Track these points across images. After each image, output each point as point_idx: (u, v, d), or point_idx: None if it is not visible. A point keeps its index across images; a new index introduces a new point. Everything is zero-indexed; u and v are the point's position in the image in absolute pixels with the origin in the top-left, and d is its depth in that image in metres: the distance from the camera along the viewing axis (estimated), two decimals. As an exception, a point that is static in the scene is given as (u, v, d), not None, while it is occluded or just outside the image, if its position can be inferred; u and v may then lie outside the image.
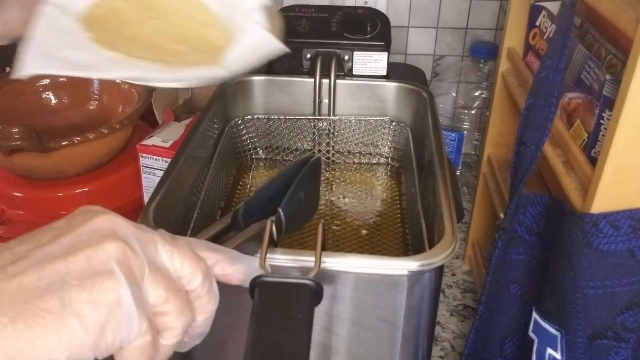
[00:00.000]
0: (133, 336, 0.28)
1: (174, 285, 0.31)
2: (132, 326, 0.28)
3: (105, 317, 0.26)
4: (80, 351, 0.25)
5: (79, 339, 0.25)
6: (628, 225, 0.46)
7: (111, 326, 0.26)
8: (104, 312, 0.26)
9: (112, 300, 0.27)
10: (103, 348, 0.26)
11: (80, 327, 0.25)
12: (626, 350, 0.50)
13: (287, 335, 0.39)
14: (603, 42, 0.52)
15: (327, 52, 0.82)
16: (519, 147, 0.53)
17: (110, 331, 0.26)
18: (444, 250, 0.48)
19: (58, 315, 0.25)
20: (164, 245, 0.31)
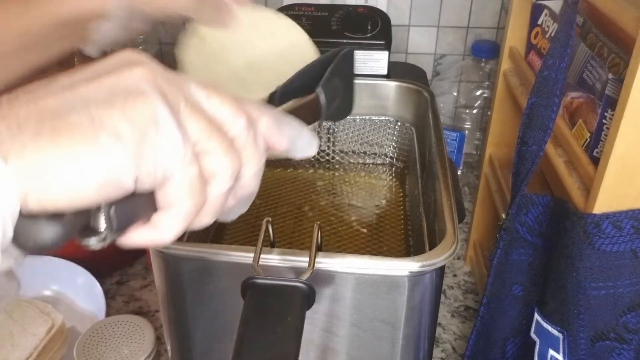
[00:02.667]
0: (177, 166, 0.24)
1: (215, 124, 0.26)
2: (176, 152, 0.24)
3: (142, 137, 0.23)
4: (118, 173, 0.22)
5: (115, 157, 0.22)
6: (631, 225, 0.45)
7: (151, 149, 0.23)
8: (140, 130, 0.23)
9: (148, 119, 0.23)
10: (144, 175, 0.23)
11: (114, 143, 0.22)
12: (628, 351, 0.49)
13: (277, 337, 0.39)
14: (605, 41, 0.52)
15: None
16: (520, 147, 0.53)
17: (151, 156, 0.23)
18: (445, 250, 0.48)
19: (88, 129, 0.21)
20: (199, 86, 0.27)
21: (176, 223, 0.26)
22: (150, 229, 0.26)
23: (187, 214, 0.26)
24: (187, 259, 0.50)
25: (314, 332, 0.52)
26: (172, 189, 0.25)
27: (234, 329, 0.40)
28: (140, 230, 0.26)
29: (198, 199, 0.26)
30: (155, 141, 0.23)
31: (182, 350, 0.57)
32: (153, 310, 0.79)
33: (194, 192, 0.25)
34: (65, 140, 0.21)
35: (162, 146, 0.24)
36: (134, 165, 0.23)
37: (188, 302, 0.53)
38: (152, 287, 0.83)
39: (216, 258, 0.49)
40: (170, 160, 0.24)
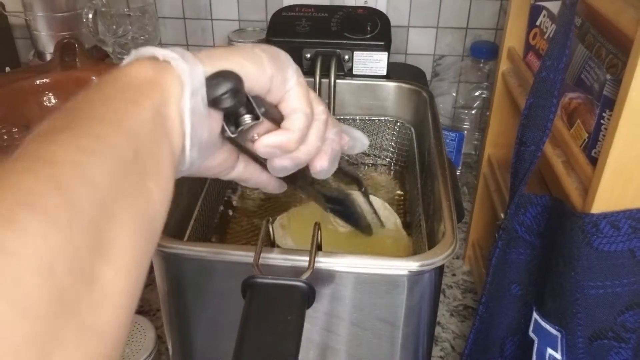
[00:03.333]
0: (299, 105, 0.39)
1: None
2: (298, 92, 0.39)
3: (278, 69, 0.37)
4: (254, 74, 0.36)
5: (258, 67, 0.36)
6: (628, 225, 0.46)
7: (283, 75, 0.38)
8: (278, 65, 0.37)
9: (285, 60, 0.39)
10: (263, 81, 0.36)
11: (263, 60, 0.36)
12: (626, 350, 0.50)
13: (277, 336, 0.39)
14: (603, 42, 0.52)
15: (327, 52, 0.82)
16: (519, 147, 0.53)
17: (281, 77, 0.38)
18: (444, 250, 0.48)
19: (252, 55, 0.36)
20: (297, 73, 0.40)
21: (296, 134, 0.38)
22: (281, 132, 0.38)
23: (301, 133, 0.39)
24: (188, 259, 0.51)
25: (313, 331, 0.52)
26: (294, 118, 0.39)
27: (235, 328, 0.40)
28: (274, 133, 0.38)
29: (305, 129, 0.39)
30: (286, 73, 0.38)
31: (183, 349, 0.57)
32: (154, 310, 0.79)
33: (307, 121, 0.39)
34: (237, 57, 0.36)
35: (287, 77, 0.39)
36: (270, 76, 0.37)
37: (189, 302, 0.53)
38: (153, 287, 0.83)
39: (217, 258, 0.49)
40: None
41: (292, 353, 0.39)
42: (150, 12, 1.08)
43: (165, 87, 0.31)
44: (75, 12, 1.08)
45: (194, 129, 0.32)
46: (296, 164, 0.40)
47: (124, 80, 0.30)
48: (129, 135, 0.27)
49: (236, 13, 1.16)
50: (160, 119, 0.30)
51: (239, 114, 0.36)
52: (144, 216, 0.27)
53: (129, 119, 0.28)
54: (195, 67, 0.32)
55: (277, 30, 0.85)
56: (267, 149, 0.38)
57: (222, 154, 0.39)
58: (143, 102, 0.29)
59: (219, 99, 0.33)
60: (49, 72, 0.91)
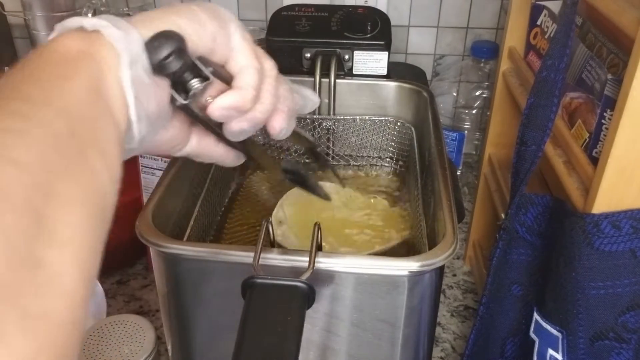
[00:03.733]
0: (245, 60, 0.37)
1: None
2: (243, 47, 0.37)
3: (220, 26, 0.35)
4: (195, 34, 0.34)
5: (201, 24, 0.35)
6: (629, 225, 0.45)
7: (224, 32, 0.36)
8: (220, 23, 0.35)
9: (228, 18, 0.36)
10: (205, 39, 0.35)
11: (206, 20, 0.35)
12: (627, 351, 0.49)
13: (277, 337, 0.39)
14: (604, 41, 0.52)
15: (327, 51, 0.81)
16: (520, 147, 0.53)
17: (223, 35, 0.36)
18: (444, 250, 0.48)
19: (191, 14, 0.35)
20: (240, 29, 0.37)
21: (250, 91, 0.36)
22: (234, 91, 0.36)
23: (255, 90, 0.36)
24: (188, 259, 0.50)
25: (313, 331, 0.52)
26: (245, 75, 0.36)
27: (234, 329, 0.40)
28: (227, 93, 0.35)
29: (259, 85, 0.37)
30: (229, 29, 0.36)
31: (182, 349, 0.57)
32: (154, 310, 0.79)
33: (259, 77, 0.37)
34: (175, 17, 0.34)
35: (231, 33, 0.36)
36: (212, 34, 0.35)
37: (188, 302, 0.53)
38: (152, 287, 0.83)
39: (216, 258, 0.49)
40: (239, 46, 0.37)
41: (292, 353, 0.39)
42: (150, 12, 1.08)
43: (99, 58, 0.28)
44: (74, 11, 1.08)
45: (139, 100, 0.30)
46: (254, 125, 0.38)
47: (51, 56, 0.28)
48: (60, 112, 0.25)
49: (236, 12, 1.16)
50: (97, 92, 0.28)
51: (185, 80, 0.34)
52: (91, 194, 0.25)
53: (59, 95, 0.26)
54: (129, 33, 0.30)
55: (277, 30, 0.85)
56: (222, 112, 0.35)
57: (173, 128, 0.37)
58: (74, 76, 0.27)
59: (163, 63, 0.31)
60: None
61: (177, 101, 0.34)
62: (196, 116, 0.36)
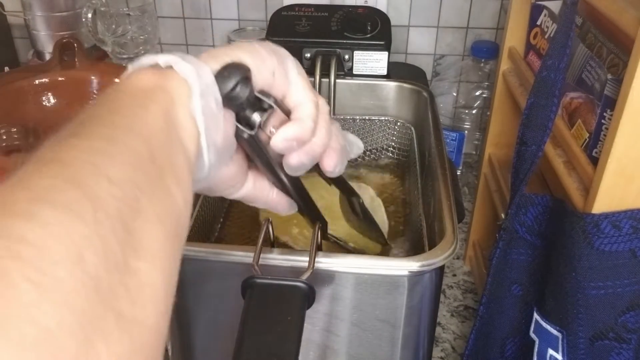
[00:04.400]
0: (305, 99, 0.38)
1: None
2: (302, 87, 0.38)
3: (280, 63, 0.37)
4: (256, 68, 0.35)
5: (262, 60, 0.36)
6: (629, 225, 0.45)
7: (283, 70, 0.37)
8: (280, 60, 0.37)
9: (284, 56, 0.38)
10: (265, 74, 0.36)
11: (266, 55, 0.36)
12: (627, 351, 0.49)
13: (277, 337, 0.39)
14: (604, 41, 0.52)
15: (327, 51, 0.82)
16: (520, 147, 0.53)
17: (282, 73, 0.37)
18: (444, 250, 0.48)
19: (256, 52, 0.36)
20: (296, 65, 0.39)
21: (309, 123, 0.37)
22: (295, 122, 0.37)
23: (313, 122, 0.38)
24: (188, 259, 0.50)
25: (313, 331, 0.52)
26: (304, 107, 0.37)
27: (234, 329, 0.40)
28: (289, 124, 0.37)
29: (316, 118, 0.38)
30: (287, 65, 0.38)
31: (182, 349, 0.57)
32: (153, 310, 0.79)
33: (316, 110, 0.38)
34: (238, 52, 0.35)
35: (288, 69, 0.38)
36: (272, 69, 0.36)
37: (188, 302, 0.53)
38: (152, 287, 0.83)
39: (216, 258, 0.49)
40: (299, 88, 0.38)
41: (292, 353, 0.39)
42: (149, 12, 1.08)
43: (172, 90, 0.30)
44: (74, 11, 1.08)
45: (208, 131, 0.32)
46: (312, 158, 0.39)
47: (129, 90, 0.30)
48: (141, 137, 0.27)
49: (236, 12, 1.16)
50: (171, 122, 0.30)
51: (248, 114, 0.35)
52: (170, 213, 0.27)
53: (139, 122, 0.28)
54: (200, 67, 0.32)
55: (277, 30, 0.85)
56: (285, 143, 0.37)
57: (233, 165, 0.38)
58: (151, 107, 0.29)
59: (232, 93, 0.33)
60: (48, 71, 0.90)
61: (244, 132, 0.36)
62: (259, 149, 0.38)
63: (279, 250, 0.48)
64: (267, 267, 0.45)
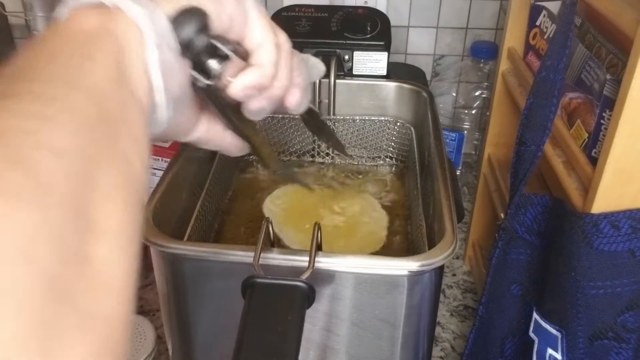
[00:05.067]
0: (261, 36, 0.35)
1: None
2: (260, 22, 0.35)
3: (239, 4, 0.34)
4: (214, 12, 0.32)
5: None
6: (629, 225, 0.46)
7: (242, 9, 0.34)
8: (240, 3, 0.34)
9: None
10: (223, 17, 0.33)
11: None
12: (627, 350, 0.49)
13: (277, 336, 0.39)
14: (603, 42, 0.52)
15: (327, 52, 0.82)
16: (519, 147, 0.53)
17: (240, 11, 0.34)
18: (444, 250, 0.48)
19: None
20: (256, 4, 0.36)
21: (270, 68, 0.35)
22: (254, 68, 0.34)
23: (274, 66, 0.35)
24: (188, 259, 0.51)
25: (313, 331, 0.52)
26: (264, 51, 0.35)
27: (235, 328, 0.40)
28: (247, 71, 0.34)
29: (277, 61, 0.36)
30: (245, 5, 0.34)
31: (182, 349, 0.57)
32: (154, 310, 0.79)
33: (277, 52, 0.36)
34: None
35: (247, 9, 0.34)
36: (230, 11, 0.33)
37: (189, 302, 0.53)
38: (153, 287, 0.83)
39: (216, 258, 0.49)
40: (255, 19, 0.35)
41: (292, 353, 0.39)
42: (150, 12, 1.08)
43: (121, 36, 0.26)
44: (75, 12, 1.08)
45: (166, 83, 0.28)
46: (273, 101, 0.37)
47: (69, 34, 0.26)
48: (88, 94, 0.23)
49: (236, 13, 1.16)
50: (122, 74, 0.26)
51: (203, 61, 0.32)
52: (129, 182, 0.23)
53: (84, 76, 0.24)
54: (153, 11, 0.28)
55: (277, 30, 0.85)
56: (244, 91, 0.34)
57: (188, 112, 0.35)
58: (97, 55, 0.25)
59: (189, 41, 0.30)
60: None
61: (200, 82, 0.33)
62: (215, 98, 0.35)
63: (279, 250, 0.49)
64: (267, 267, 0.45)
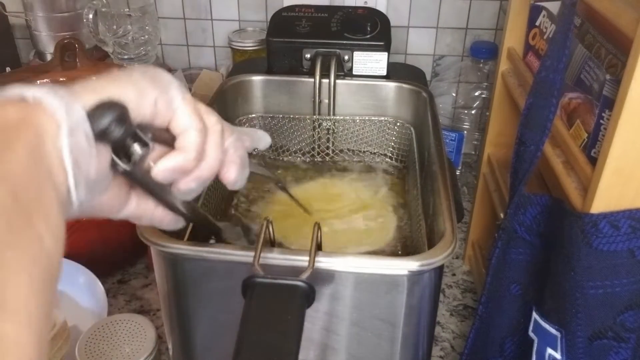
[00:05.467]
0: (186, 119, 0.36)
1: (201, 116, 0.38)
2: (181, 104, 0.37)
3: (163, 90, 0.36)
4: (135, 102, 0.34)
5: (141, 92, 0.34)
6: (628, 225, 0.46)
7: (166, 96, 0.36)
8: (162, 87, 0.36)
9: (168, 83, 0.36)
10: (146, 106, 0.35)
11: (146, 86, 0.35)
12: (626, 350, 0.50)
13: (277, 336, 0.40)
14: (603, 42, 0.52)
15: (327, 52, 0.82)
16: (519, 147, 0.53)
17: (164, 99, 0.36)
18: (444, 250, 0.48)
19: (131, 83, 0.35)
20: (181, 91, 0.37)
21: (191, 153, 0.37)
22: (175, 153, 0.36)
23: (197, 150, 0.37)
24: (188, 259, 0.51)
25: (313, 330, 0.52)
26: (186, 135, 0.37)
27: (235, 328, 0.41)
28: (168, 156, 0.36)
29: (201, 144, 0.37)
30: (170, 93, 0.36)
31: (183, 348, 0.58)
32: (154, 309, 0.79)
33: (201, 136, 0.37)
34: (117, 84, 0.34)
35: (172, 97, 0.36)
36: (140, 101, 0.34)
37: (189, 301, 0.53)
38: (153, 286, 0.83)
39: (217, 257, 0.50)
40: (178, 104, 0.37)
41: (292, 353, 0.39)
42: (150, 13, 1.08)
43: (39, 127, 0.29)
44: (75, 12, 1.08)
45: (78, 167, 0.30)
46: (202, 182, 0.39)
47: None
48: (3, 182, 0.26)
49: (236, 13, 1.16)
50: (38, 160, 0.28)
51: (127, 146, 0.34)
52: (39, 262, 0.26)
53: (1, 165, 0.26)
54: (71, 102, 0.30)
55: (277, 31, 0.85)
56: (166, 174, 0.36)
57: (111, 191, 0.36)
58: (14, 145, 0.27)
59: (105, 131, 0.31)
60: (49, 72, 0.91)
61: (120, 167, 0.34)
62: (139, 180, 0.36)
63: (279, 249, 0.49)
64: (267, 267, 0.46)
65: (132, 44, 1.08)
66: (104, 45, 1.07)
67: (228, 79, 0.84)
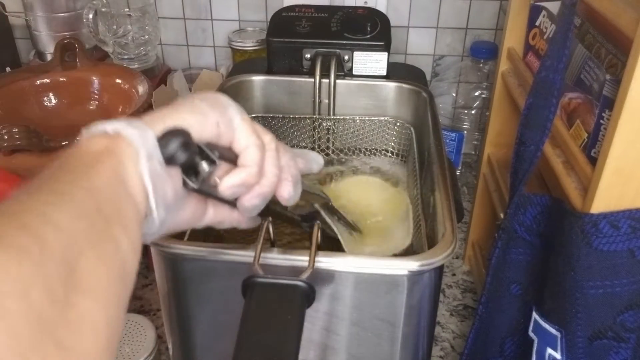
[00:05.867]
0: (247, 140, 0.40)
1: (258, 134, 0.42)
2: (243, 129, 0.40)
3: (223, 113, 0.40)
4: (199, 126, 0.37)
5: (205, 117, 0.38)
6: (628, 225, 0.46)
7: (227, 119, 0.40)
8: (222, 111, 0.40)
9: (225, 104, 0.41)
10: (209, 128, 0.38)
11: (207, 110, 0.39)
12: (626, 350, 0.50)
13: (276, 335, 0.40)
14: (603, 42, 0.52)
15: (327, 52, 0.82)
16: (519, 147, 0.53)
17: (226, 122, 0.40)
18: (444, 250, 0.48)
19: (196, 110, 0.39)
20: (239, 112, 0.41)
21: (253, 168, 0.40)
22: (239, 169, 0.39)
23: (258, 165, 0.40)
24: (188, 259, 0.51)
25: (313, 330, 0.52)
26: (248, 153, 0.40)
27: (235, 328, 0.41)
28: (233, 172, 0.39)
29: (261, 160, 0.40)
30: (228, 114, 0.40)
31: (183, 348, 0.58)
32: (154, 309, 0.79)
33: (260, 153, 0.40)
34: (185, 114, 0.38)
35: (231, 118, 0.40)
36: (215, 121, 0.39)
37: (189, 301, 0.53)
38: (153, 286, 0.83)
39: (217, 257, 0.50)
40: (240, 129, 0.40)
41: (292, 353, 0.39)
42: (150, 13, 1.08)
43: (120, 153, 0.33)
44: (75, 12, 1.08)
45: (156, 189, 0.34)
46: (264, 199, 0.41)
47: (80, 154, 0.33)
48: (87, 191, 0.30)
49: (236, 13, 1.16)
50: (120, 180, 0.33)
51: (195, 165, 0.38)
52: (115, 258, 0.30)
53: (86, 179, 0.31)
54: (145, 132, 0.34)
55: (277, 31, 0.85)
56: (231, 190, 0.39)
57: (190, 206, 0.40)
58: (99, 166, 0.32)
59: (173, 156, 0.35)
60: (49, 72, 0.91)
61: (190, 185, 0.38)
62: (209, 195, 0.40)
63: (279, 249, 0.49)
64: (267, 267, 0.46)
65: (132, 44, 1.08)
66: (104, 45, 1.07)
67: (228, 79, 0.84)
